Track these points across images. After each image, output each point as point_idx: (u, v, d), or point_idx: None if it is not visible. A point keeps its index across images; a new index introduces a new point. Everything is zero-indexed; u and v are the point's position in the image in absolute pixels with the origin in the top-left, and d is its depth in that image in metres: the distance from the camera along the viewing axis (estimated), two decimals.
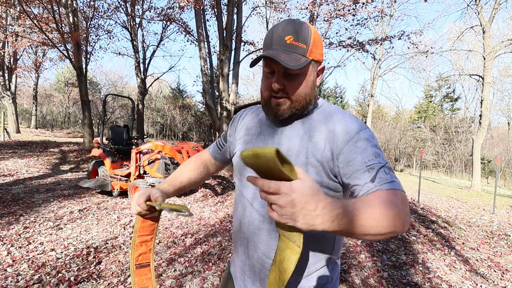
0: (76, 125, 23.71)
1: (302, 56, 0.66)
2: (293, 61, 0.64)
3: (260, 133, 0.80)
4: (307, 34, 0.66)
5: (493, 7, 9.41)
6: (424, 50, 11.55)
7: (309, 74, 0.70)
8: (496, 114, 27.20)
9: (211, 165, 1.02)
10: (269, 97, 0.72)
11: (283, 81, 0.68)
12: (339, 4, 7.89)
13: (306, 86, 0.70)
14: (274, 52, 0.65)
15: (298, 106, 0.71)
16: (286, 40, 0.66)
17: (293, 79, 0.68)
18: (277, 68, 0.67)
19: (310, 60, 0.67)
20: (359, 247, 3.29)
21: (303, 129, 0.73)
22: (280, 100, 0.70)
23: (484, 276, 2.82)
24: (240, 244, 0.81)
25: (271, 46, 0.68)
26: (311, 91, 0.72)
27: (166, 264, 2.56)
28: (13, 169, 6.50)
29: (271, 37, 0.68)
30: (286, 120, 0.74)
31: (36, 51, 16.97)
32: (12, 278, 2.18)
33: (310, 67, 0.69)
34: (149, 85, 14.53)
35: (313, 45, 0.67)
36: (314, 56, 0.68)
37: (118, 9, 11.54)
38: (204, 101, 8.08)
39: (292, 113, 0.71)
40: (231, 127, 0.93)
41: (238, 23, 7.55)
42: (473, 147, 9.87)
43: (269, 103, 0.72)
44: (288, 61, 0.63)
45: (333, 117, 0.72)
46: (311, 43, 0.67)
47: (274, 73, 0.69)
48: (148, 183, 4.69)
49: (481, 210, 6.12)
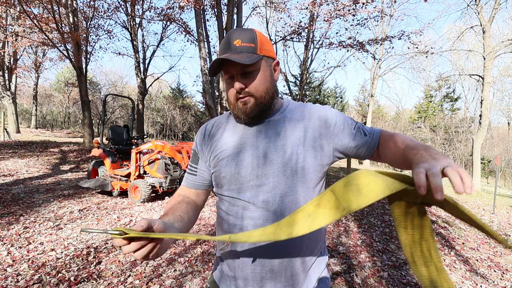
0: (76, 125, 23.71)
1: (252, 54, 0.72)
2: (245, 58, 0.69)
3: (242, 141, 0.78)
4: (253, 36, 0.73)
5: (493, 7, 9.41)
6: (424, 50, 11.55)
7: (264, 69, 0.75)
8: (496, 114, 27.25)
9: (196, 198, 0.87)
10: (235, 100, 0.76)
11: (243, 81, 0.73)
12: (339, 4, 7.90)
13: (264, 80, 0.75)
14: (226, 55, 0.71)
15: (263, 101, 0.75)
16: (235, 44, 0.72)
17: (251, 77, 0.73)
18: (234, 71, 0.73)
19: (261, 56, 0.73)
20: (359, 247, 3.29)
21: (285, 124, 0.79)
22: (245, 99, 0.75)
23: (484, 276, 2.82)
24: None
25: (223, 52, 0.74)
26: (271, 85, 0.77)
27: (166, 264, 2.56)
28: (13, 169, 6.50)
29: (222, 45, 0.75)
30: (256, 119, 0.78)
31: (36, 51, 16.98)
32: (12, 278, 2.18)
33: (263, 62, 0.75)
34: (149, 85, 14.53)
35: (260, 43, 0.73)
36: (264, 52, 0.74)
37: (118, 9, 11.56)
38: (204, 101, 8.09)
39: (260, 109, 0.76)
40: (199, 146, 0.87)
41: (238, 23, 7.55)
42: (473, 147, 9.86)
43: (236, 105, 0.76)
44: (240, 58, 0.69)
45: (308, 109, 0.82)
46: (258, 41, 0.73)
47: (233, 77, 0.74)
48: (148, 183, 4.69)
49: (481, 210, 6.12)
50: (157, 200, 4.86)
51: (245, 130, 0.80)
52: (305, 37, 11.11)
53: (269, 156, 0.75)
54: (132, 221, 3.68)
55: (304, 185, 0.75)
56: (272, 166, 0.74)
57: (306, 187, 0.75)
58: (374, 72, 17.21)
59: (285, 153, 0.74)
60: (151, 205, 4.56)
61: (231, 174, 0.78)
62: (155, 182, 4.79)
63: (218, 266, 0.87)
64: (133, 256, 0.55)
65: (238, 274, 0.78)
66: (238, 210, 0.77)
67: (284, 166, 0.74)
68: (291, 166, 0.74)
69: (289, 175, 0.74)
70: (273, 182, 0.74)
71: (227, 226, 0.79)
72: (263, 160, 0.75)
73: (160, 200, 4.86)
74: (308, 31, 10.14)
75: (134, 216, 3.92)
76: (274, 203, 0.74)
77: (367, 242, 3.50)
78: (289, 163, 0.74)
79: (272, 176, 0.74)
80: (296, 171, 0.74)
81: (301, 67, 13.90)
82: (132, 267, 2.47)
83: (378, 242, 3.51)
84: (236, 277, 0.79)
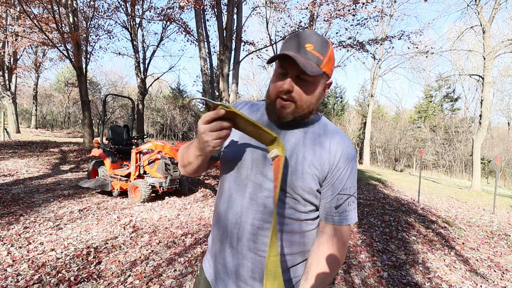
0: (76, 125, 23.70)
1: (317, 66, 0.69)
2: (310, 67, 0.66)
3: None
4: (326, 48, 0.70)
5: (493, 7, 9.41)
6: (424, 50, 11.54)
7: (319, 85, 0.73)
8: (496, 114, 27.26)
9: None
10: (275, 98, 0.73)
11: (293, 85, 0.70)
12: (339, 4, 7.89)
13: (313, 95, 0.72)
14: (294, 54, 0.66)
15: (301, 112, 0.73)
16: (306, 47, 0.68)
17: (304, 86, 0.70)
18: (291, 71, 0.69)
19: (323, 72, 0.70)
20: (359, 247, 3.29)
21: (304, 138, 0.77)
22: (286, 103, 0.71)
23: (484, 276, 2.82)
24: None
25: (291, 48, 0.70)
26: (316, 102, 0.75)
27: (166, 264, 2.56)
28: (13, 169, 6.50)
29: (293, 40, 0.71)
30: (287, 125, 0.76)
31: (36, 51, 16.98)
32: (12, 278, 2.18)
33: (321, 78, 0.72)
34: (149, 85, 14.52)
35: (328, 59, 0.71)
36: (326, 69, 0.71)
37: (118, 9, 11.54)
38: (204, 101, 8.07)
39: (294, 117, 0.73)
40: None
41: (238, 23, 7.55)
42: (473, 147, 9.86)
43: (274, 103, 0.74)
44: (305, 65, 0.65)
45: (335, 136, 0.78)
46: (327, 56, 0.71)
47: (286, 75, 0.70)
48: (148, 183, 4.69)
49: (481, 210, 6.12)
50: (157, 200, 4.86)
51: (269, 124, 0.80)
52: None
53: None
54: (132, 221, 3.68)
55: (295, 205, 0.75)
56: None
57: (296, 209, 0.75)
58: (374, 72, 17.21)
59: (287, 166, 0.73)
60: (151, 205, 4.56)
61: (235, 164, 0.79)
62: (155, 182, 4.79)
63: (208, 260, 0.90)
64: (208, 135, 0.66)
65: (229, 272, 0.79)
66: (234, 201, 0.78)
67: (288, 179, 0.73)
68: (287, 179, 0.73)
69: (283, 190, 0.73)
70: (269, 186, 0.74)
71: (225, 207, 0.80)
72: (270, 161, 0.74)
73: (160, 200, 4.86)
74: None
75: (134, 216, 3.92)
76: (264, 209, 0.73)
77: (367, 242, 3.50)
78: (287, 177, 0.73)
79: (268, 181, 0.74)
80: (291, 189, 0.73)
81: None
82: (132, 267, 2.47)
83: (378, 242, 3.51)
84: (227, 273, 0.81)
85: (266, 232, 0.73)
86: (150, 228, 3.50)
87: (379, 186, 8.33)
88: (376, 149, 23.49)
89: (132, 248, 2.87)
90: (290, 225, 0.75)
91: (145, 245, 2.95)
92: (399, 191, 7.94)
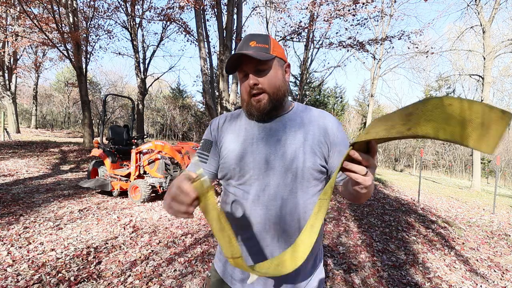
0: (76, 125, 23.70)
1: (265, 53, 0.77)
2: (259, 55, 0.75)
3: (250, 135, 0.83)
4: (266, 38, 0.80)
5: (493, 7, 9.41)
6: (424, 50, 11.55)
7: (277, 68, 0.80)
8: None
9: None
10: (249, 97, 0.80)
11: (256, 78, 0.78)
12: (339, 4, 7.90)
13: (276, 78, 0.80)
14: (242, 51, 0.76)
15: (276, 97, 0.80)
16: (250, 44, 0.78)
17: (264, 74, 0.78)
18: (248, 69, 0.78)
19: (274, 56, 0.78)
20: (359, 247, 3.29)
21: (292, 123, 0.83)
22: (259, 97, 0.79)
23: (484, 276, 2.82)
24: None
25: (237, 51, 0.79)
26: (283, 83, 0.82)
27: (166, 264, 2.56)
28: (13, 169, 6.50)
29: (239, 46, 0.81)
30: (269, 116, 0.82)
31: (36, 51, 16.97)
32: (12, 278, 2.18)
33: (276, 62, 0.80)
34: (149, 85, 14.52)
35: (273, 45, 0.80)
36: (276, 53, 0.80)
37: (118, 9, 11.54)
38: (204, 101, 8.08)
39: (272, 105, 0.80)
40: (213, 136, 0.89)
41: (238, 23, 7.54)
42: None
43: (250, 102, 0.80)
44: (254, 54, 0.74)
45: (315, 113, 0.86)
46: (271, 44, 0.80)
47: (247, 75, 0.79)
48: (148, 183, 4.69)
49: (481, 210, 6.12)
50: (157, 200, 4.86)
51: (256, 126, 0.84)
52: (305, 37, 11.11)
53: (278, 153, 0.79)
54: (132, 221, 3.68)
55: (303, 187, 0.79)
56: (277, 166, 0.78)
57: (305, 191, 0.79)
58: (374, 72, 17.21)
59: (286, 154, 0.79)
60: (151, 205, 4.56)
61: (239, 168, 0.81)
62: (155, 182, 4.79)
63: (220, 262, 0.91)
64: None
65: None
66: (243, 202, 0.81)
67: (286, 168, 0.78)
68: (292, 167, 0.78)
69: (290, 177, 0.78)
70: (277, 179, 0.78)
71: (231, 215, 0.83)
72: (273, 157, 0.79)
73: (160, 200, 4.86)
74: (308, 31, 10.13)
75: (134, 216, 3.92)
76: (275, 202, 0.78)
77: (367, 242, 3.50)
78: (291, 165, 0.78)
79: (275, 175, 0.78)
80: (296, 173, 0.78)
81: (301, 67, 13.89)
82: (132, 267, 2.47)
83: (378, 242, 3.51)
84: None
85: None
86: (150, 228, 3.50)
87: (379, 186, 8.32)
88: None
89: (132, 248, 2.87)
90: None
91: (145, 245, 2.96)
92: (399, 191, 7.93)
